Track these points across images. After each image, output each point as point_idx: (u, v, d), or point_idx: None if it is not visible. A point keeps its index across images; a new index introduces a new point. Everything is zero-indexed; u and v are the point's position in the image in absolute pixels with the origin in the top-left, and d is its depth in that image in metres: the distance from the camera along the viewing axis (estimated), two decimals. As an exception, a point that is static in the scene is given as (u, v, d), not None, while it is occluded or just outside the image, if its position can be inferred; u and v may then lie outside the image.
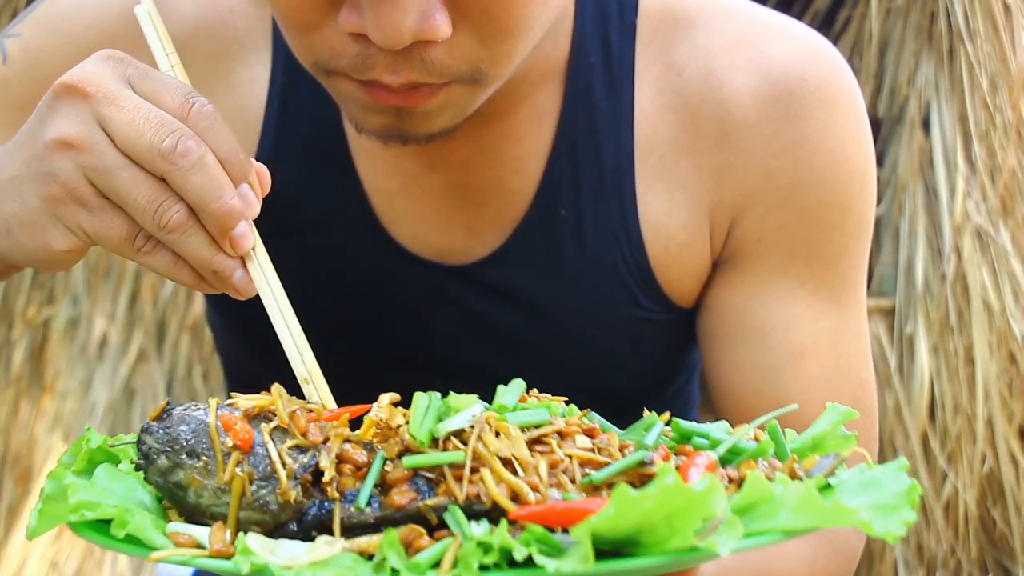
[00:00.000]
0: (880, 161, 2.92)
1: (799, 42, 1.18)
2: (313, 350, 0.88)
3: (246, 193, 0.86)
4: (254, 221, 1.12)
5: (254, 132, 1.21)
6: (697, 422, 1.47)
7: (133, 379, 2.84)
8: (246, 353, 1.35)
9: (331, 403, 0.86)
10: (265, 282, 0.89)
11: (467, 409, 0.74)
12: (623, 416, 0.92)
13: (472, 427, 0.73)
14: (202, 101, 0.85)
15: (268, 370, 0.92)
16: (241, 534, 0.69)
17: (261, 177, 0.90)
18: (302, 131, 1.21)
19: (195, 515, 0.75)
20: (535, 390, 0.85)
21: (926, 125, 2.90)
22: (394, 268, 1.22)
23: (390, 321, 1.25)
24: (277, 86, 1.20)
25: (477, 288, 1.21)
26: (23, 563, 2.77)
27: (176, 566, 1.41)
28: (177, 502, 0.76)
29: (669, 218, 1.18)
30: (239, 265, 0.87)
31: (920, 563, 2.80)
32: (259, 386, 1.03)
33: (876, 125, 2.94)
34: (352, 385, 0.91)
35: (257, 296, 1.22)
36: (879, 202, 2.90)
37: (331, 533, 0.71)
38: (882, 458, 2.75)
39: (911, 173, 2.87)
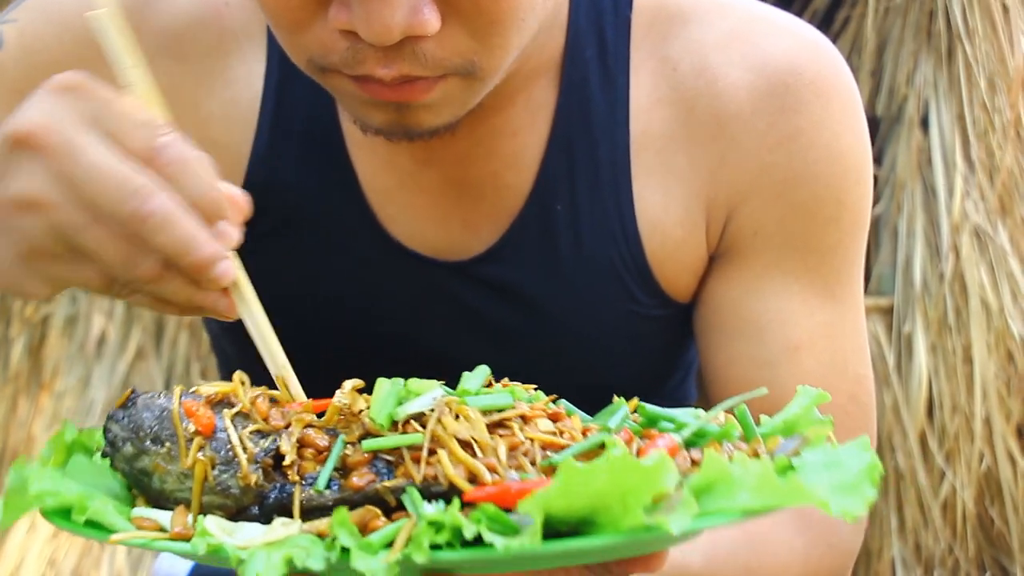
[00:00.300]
0: (879, 160, 2.92)
1: (794, 37, 1.18)
2: (307, 347, 0.88)
3: (224, 231, 0.82)
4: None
5: (249, 127, 1.21)
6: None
7: (131, 377, 2.85)
8: (244, 353, 1.35)
9: None
10: (248, 311, 0.86)
11: (427, 393, 0.74)
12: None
13: (433, 411, 0.72)
14: (167, 140, 0.81)
15: (266, 371, 0.92)
16: (201, 517, 0.70)
17: (239, 205, 0.85)
18: (298, 126, 1.20)
19: (160, 501, 0.75)
20: (505, 379, 0.85)
21: (925, 124, 2.90)
22: (390, 264, 1.22)
23: (386, 317, 1.24)
24: (273, 81, 1.20)
25: (473, 284, 1.21)
26: (21, 561, 2.77)
27: (174, 562, 1.41)
28: (143, 488, 0.76)
29: (665, 213, 1.18)
30: (222, 295, 0.84)
31: (918, 562, 2.79)
32: (257, 384, 1.03)
33: (875, 124, 2.93)
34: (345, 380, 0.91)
35: None
36: (877, 201, 2.90)
37: (292, 516, 0.71)
38: (880, 457, 2.75)
39: (909, 172, 2.87)
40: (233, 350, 1.37)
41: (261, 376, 0.85)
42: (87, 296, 2.87)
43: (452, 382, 0.78)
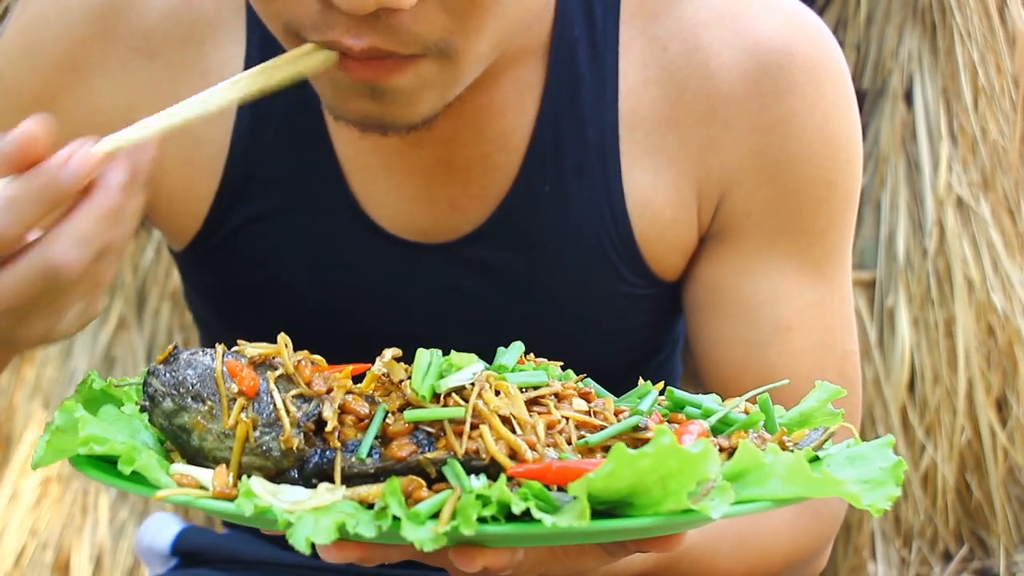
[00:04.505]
0: (863, 133, 2.92)
1: (785, 15, 1.18)
2: (293, 333, 0.86)
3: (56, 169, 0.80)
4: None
5: (230, 113, 1.19)
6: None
7: (113, 347, 2.82)
8: (220, 319, 1.34)
9: None
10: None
11: (468, 367, 0.76)
12: (607, 391, 0.92)
13: (472, 384, 0.74)
14: None
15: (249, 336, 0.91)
16: (244, 477, 0.71)
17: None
18: (279, 110, 1.18)
19: (198, 458, 0.77)
20: (531, 354, 0.86)
21: (909, 98, 2.90)
22: (373, 249, 1.21)
23: (371, 302, 1.24)
24: (253, 65, 1.19)
25: (459, 265, 1.20)
26: (3, 530, 2.76)
27: (157, 533, 1.41)
28: (180, 445, 0.78)
29: (655, 194, 1.18)
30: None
31: (897, 534, 2.82)
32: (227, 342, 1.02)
33: (859, 97, 2.92)
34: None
35: (235, 282, 1.22)
36: (861, 175, 2.90)
37: (331, 481, 0.72)
38: (861, 429, 2.77)
39: (893, 146, 2.88)
40: (210, 313, 1.36)
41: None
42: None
43: None
